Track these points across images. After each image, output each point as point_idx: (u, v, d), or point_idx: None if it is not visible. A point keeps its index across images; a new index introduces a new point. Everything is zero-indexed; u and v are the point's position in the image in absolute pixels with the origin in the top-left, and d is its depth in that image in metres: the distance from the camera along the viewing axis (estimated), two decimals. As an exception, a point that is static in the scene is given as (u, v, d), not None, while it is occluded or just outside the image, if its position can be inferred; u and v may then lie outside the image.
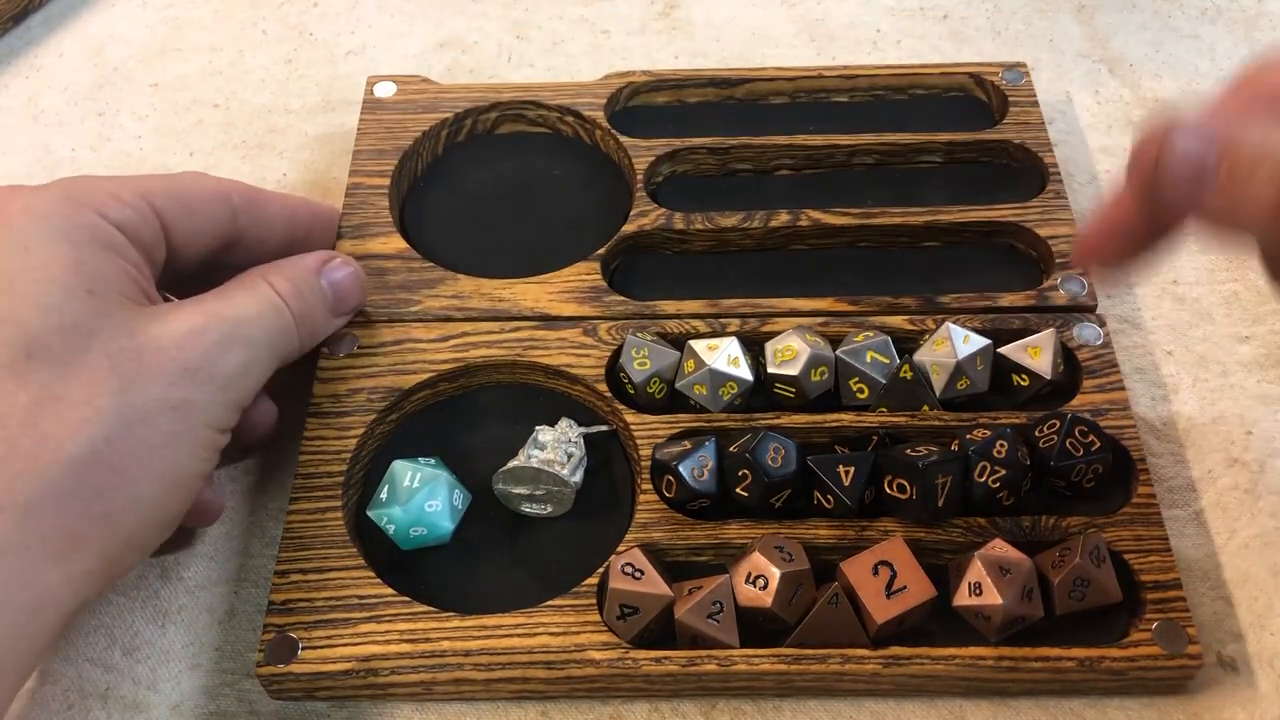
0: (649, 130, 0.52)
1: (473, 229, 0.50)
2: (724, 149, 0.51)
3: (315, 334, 0.42)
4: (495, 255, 0.49)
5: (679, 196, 0.50)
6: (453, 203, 0.51)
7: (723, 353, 0.43)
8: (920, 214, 0.48)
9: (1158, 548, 0.39)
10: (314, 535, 0.40)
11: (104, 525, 0.34)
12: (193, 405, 0.36)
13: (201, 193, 0.42)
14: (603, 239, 0.48)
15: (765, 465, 0.39)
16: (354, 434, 0.42)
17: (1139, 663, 0.37)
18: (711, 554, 0.40)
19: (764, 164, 0.51)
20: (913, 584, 0.38)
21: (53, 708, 0.39)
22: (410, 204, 0.51)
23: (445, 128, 0.52)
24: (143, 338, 0.36)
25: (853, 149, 0.51)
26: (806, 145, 0.51)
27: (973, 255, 0.48)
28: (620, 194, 0.50)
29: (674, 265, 0.48)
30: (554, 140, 0.53)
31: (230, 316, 0.38)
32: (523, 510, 0.41)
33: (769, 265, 0.48)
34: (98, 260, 0.37)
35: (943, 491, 0.39)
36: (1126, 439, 0.42)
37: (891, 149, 0.51)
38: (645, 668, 0.37)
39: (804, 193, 0.50)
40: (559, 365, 0.44)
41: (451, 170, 0.52)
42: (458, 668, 0.37)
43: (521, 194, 0.51)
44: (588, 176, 0.52)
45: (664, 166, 0.51)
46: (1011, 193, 0.50)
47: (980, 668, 0.37)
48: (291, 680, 0.38)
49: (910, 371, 0.42)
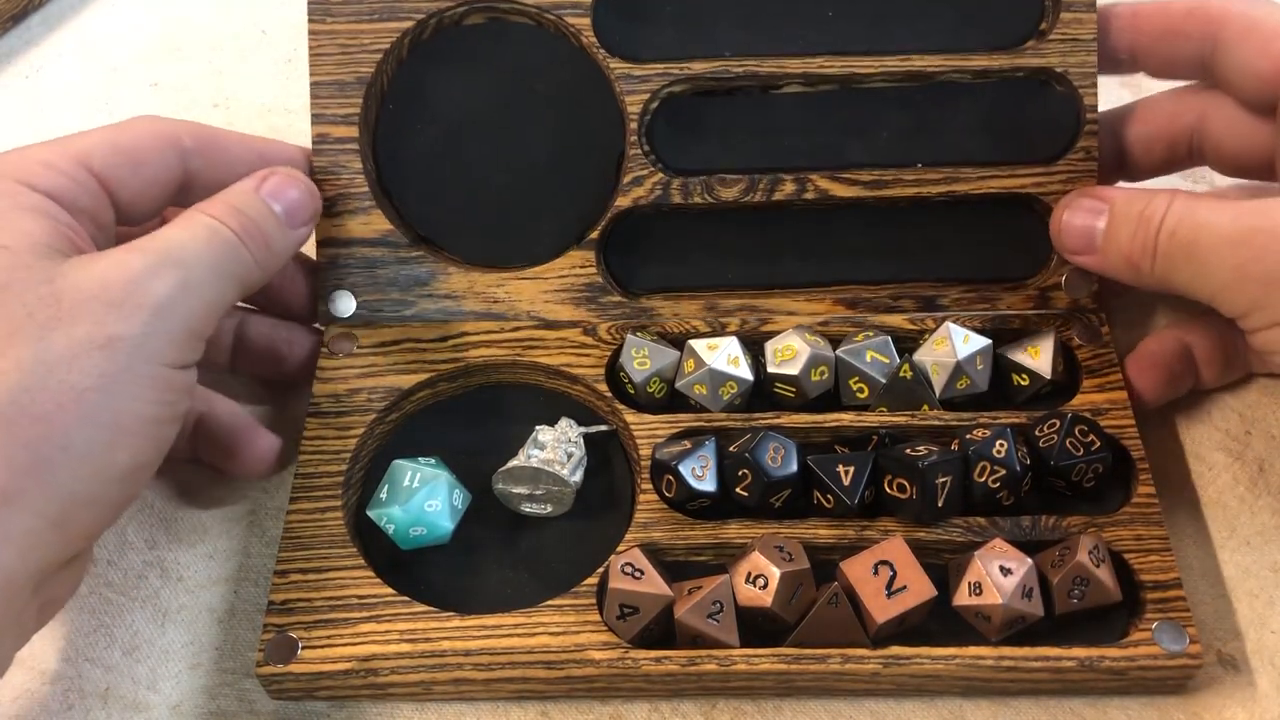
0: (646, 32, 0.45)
1: (453, 178, 0.46)
2: (728, 76, 0.45)
3: (272, 249, 0.40)
4: (479, 212, 0.46)
5: (675, 129, 0.45)
6: (427, 136, 0.46)
7: (723, 352, 0.43)
8: (935, 180, 0.45)
9: (1158, 547, 0.39)
10: (314, 535, 0.40)
11: (36, 477, 0.33)
12: (123, 340, 0.34)
13: (149, 140, 0.40)
14: (593, 186, 0.45)
15: (765, 465, 0.39)
16: (354, 434, 0.42)
17: (1139, 662, 0.37)
18: (711, 554, 0.40)
19: (772, 82, 0.45)
20: (913, 583, 0.38)
21: (53, 708, 0.39)
22: (383, 146, 0.46)
23: (408, 36, 0.45)
24: (62, 283, 0.35)
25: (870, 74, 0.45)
26: (819, 73, 0.45)
27: (983, 229, 0.46)
28: (611, 117, 0.45)
29: (671, 236, 0.46)
30: (533, 35, 0.46)
31: (157, 247, 0.37)
32: (522, 510, 0.41)
33: (770, 234, 0.46)
34: (12, 219, 0.36)
35: (943, 491, 0.39)
36: (1126, 439, 0.42)
37: (915, 71, 0.45)
38: (645, 667, 0.37)
39: (813, 119, 0.45)
40: (559, 365, 0.44)
41: (422, 86, 0.46)
42: (458, 667, 0.37)
43: (502, 125, 0.46)
44: (574, 95, 0.46)
45: (660, 91, 0.45)
46: (1043, 131, 0.45)
47: (980, 667, 0.37)
48: (291, 680, 0.38)
49: (910, 371, 0.43)
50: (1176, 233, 0.40)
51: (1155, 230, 0.40)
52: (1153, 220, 0.40)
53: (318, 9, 0.45)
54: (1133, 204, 0.41)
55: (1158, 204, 0.40)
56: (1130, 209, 0.41)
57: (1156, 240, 0.40)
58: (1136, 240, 0.41)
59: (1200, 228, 0.39)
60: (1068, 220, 0.43)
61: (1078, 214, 0.43)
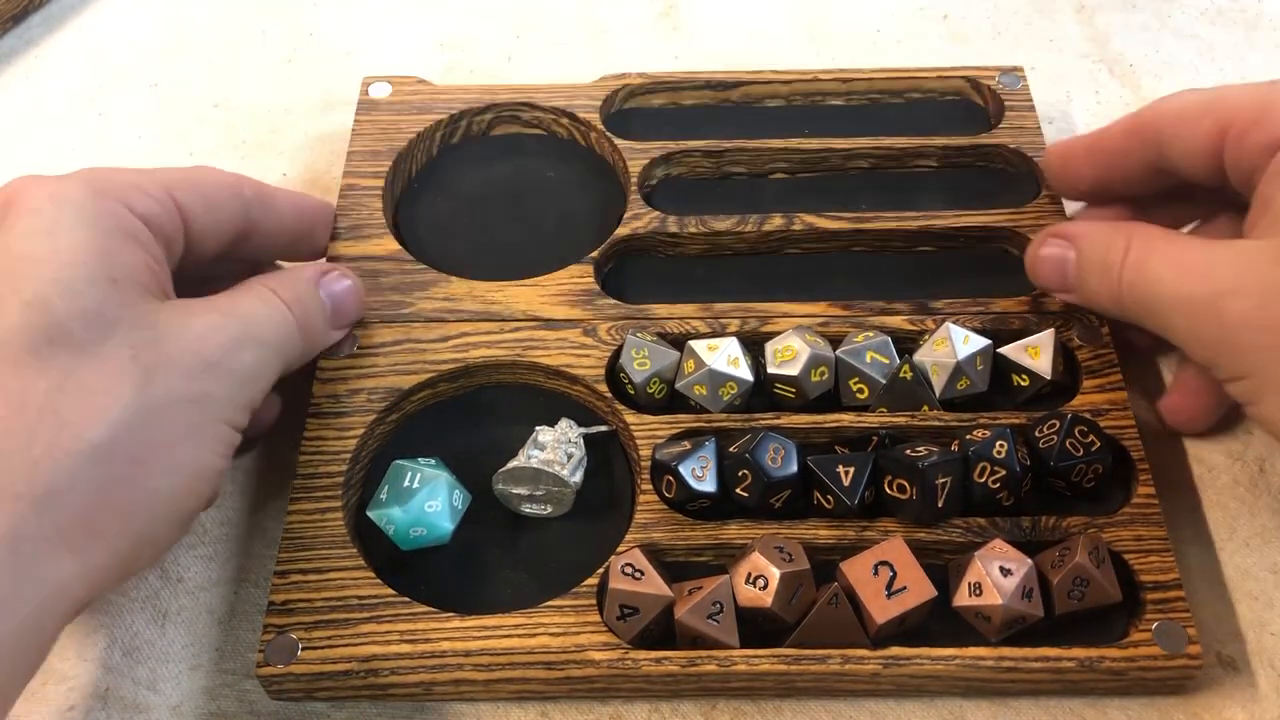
0: (644, 133, 0.52)
1: (466, 231, 0.50)
2: (719, 152, 0.51)
3: (315, 343, 0.42)
4: (488, 257, 0.49)
5: (674, 200, 0.50)
6: (446, 204, 0.51)
7: (723, 353, 0.43)
8: (914, 219, 0.48)
9: (1158, 548, 0.39)
10: (314, 536, 0.40)
11: (121, 517, 0.34)
12: (210, 399, 0.36)
13: (217, 185, 0.42)
14: (597, 242, 0.48)
15: (765, 465, 0.39)
16: (354, 434, 0.42)
17: (1139, 663, 0.37)
18: (711, 554, 0.40)
19: (759, 167, 0.51)
20: (913, 584, 0.38)
21: (53, 709, 0.39)
22: (404, 205, 0.51)
23: (440, 129, 0.52)
24: (163, 330, 0.36)
25: (848, 153, 0.51)
26: (801, 149, 0.51)
27: (967, 260, 0.48)
28: (615, 197, 0.50)
29: (667, 268, 0.48)
30: (549, 142, 0.53)
31: (243, 315, 0.39)
32: (522, 511, 0.41)
33: (763, 269, 0.48)
34: (122, 250, 0.37)
35: (943, 492, 0.39)
36: (1126, 439, 0.42)
37: (886, 153, 0.51)
38: (645, 668, 0.37)
39: (799, 196, 0.50)
40: (559, 365, 0.44)
41: (445, 172, 0.52)
42: (458, 668, 0.37)
43: (515, 196, 0.51)
44: (582, 179, 0.52)
45: (659, 169, 0.51)
46: (1006, 197, 0.50)
47: (980, 668, 0.37)
48: (291, 681, 0.38)
49: (910, 372, 0.43)
50: (1135, 285, 0.40)
51: (1116, 279, 0.40)
52: (1113, 269, 0.40)
53: (365, 105, 0.52)
54: (1095, 247, 0.41)
55: (1116, 249, 0.40)
56: (1094, 254, 0.41)
57: (1120, 289, 0.40)
58: (1103, 287, 0.41)
59: (1150, 285, 0.40)
60: (1040, 260, 0.43)
61: (1047, 256, 0.43)
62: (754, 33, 0.60)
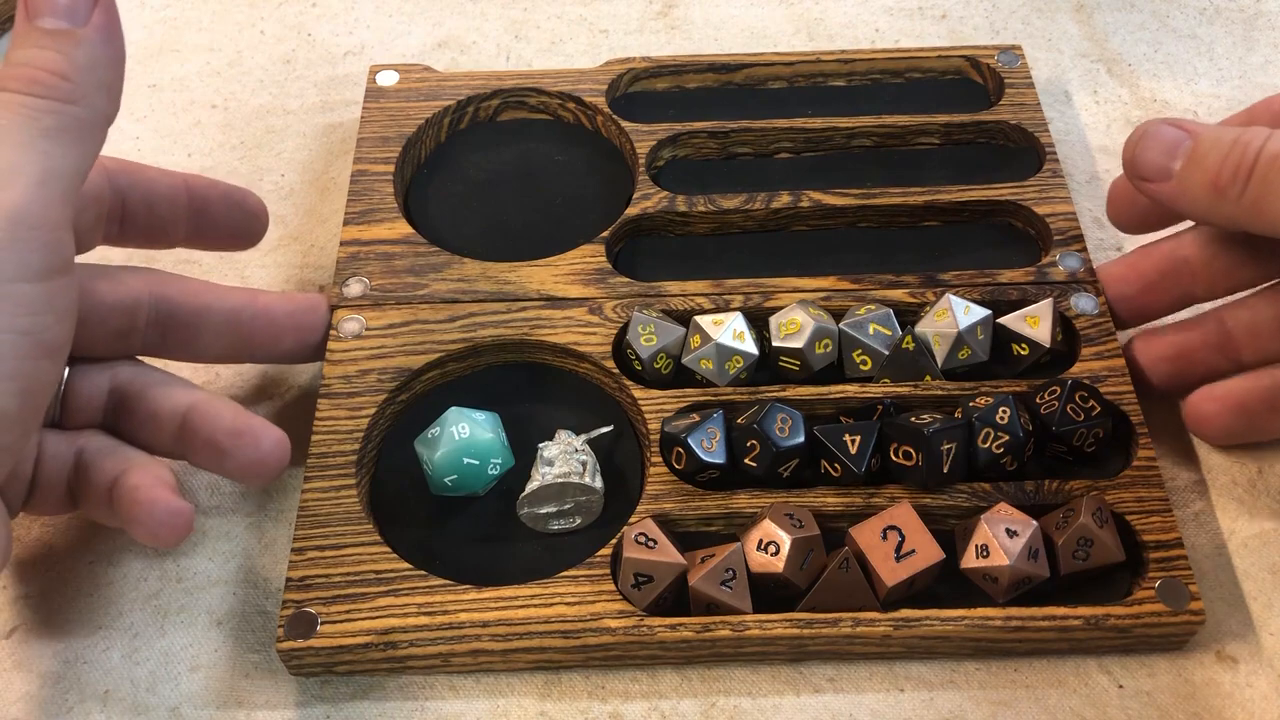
0: (650, 116, 0.52)
1: (477, 214, 0.50)
2: (724, 133, 0.51)
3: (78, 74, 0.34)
4: (499, 239, 0.49)
5: (681, 180, 0.51)
6: (456, 188, 0.51)
7: (728, 328, 0.43)
8: (919, 193, 0.49)
9: (1158, 509, 0.40)
10: (330, 513, 0.40)
11: None
12: None
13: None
14: (606, 223, 0.49)
15: (773, 435, 0.40)
16: (365, 414, 0.43)
17: (1143, 620, 0.38)
18: (722, 524, 0.41)
19: (764, 147, 0.52)
20: (921, 547, 0.38)
21: (52, 710, 0.39)
22: (414, 190, 0.51)
23: (448, 115, 0.53)
24: None
25: (851, 131, 0.51)
26: (805, 128, 0.51)
27: (972, 234, 0.49)
28: (622, 178, 0.51)
29: (677, 247, 0.49)
30: (556, 126, 0.54)
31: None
32: (551, 529, 0.41)
33: (771, 246, 0.49)
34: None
35: (948, 458, 0.40)
36: (1125, 404, 0.42)
37: (889, 131, 0.52)
38: (660, 634, 0.38)
39: (804, 175, 0.51)
40: (566, 344, 0.44)
41: (455, 157, 0.53)
42: (475, 639, 0.38)
43: (524, 180, 0.52)
44: (590, 162, 0.52)
45: (665, 151, 0.51)
46: (1009, 172, 0.50)
47: (989, 628, 0.38)
48: (311, 655, 0.38)
49: (912, 342, 0.43)
50: (1269, 179, 0.38)
51: (1254, 153, 0.38)
52: (1250, 145, 0.38)
53: (373, 92, 0.53)
54: (1224, 132, 0.39)
55: (1256, 131, 0.38)
56: (1222, 135, 0.39)
57: (1255, 163, 0.38)
58: (1228, 163, 0.38)
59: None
60: (1144, 143, 0.41)
61: (1157, 137, 0.40)
62: (753, 33, 0.60)
